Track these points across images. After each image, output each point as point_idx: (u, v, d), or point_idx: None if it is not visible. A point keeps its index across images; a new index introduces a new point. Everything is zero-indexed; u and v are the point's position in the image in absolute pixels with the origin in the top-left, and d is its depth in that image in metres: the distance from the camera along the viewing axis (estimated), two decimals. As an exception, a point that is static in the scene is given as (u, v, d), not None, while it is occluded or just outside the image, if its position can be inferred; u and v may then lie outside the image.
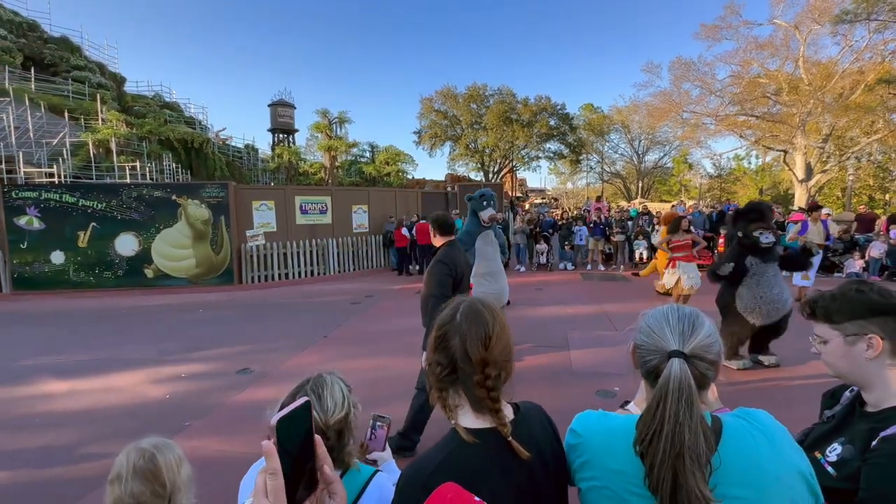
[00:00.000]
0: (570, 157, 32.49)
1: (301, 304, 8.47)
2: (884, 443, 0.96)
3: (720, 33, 21.64)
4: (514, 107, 29.12)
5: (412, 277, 11.07)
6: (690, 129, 25.09)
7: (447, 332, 0.94)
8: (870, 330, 1.04)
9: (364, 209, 12.41)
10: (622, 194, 37.50)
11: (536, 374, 4.48)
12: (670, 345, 0.88)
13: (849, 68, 19.00)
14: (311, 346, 5.70)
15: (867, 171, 26.69)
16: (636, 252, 11.47)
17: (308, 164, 25.26)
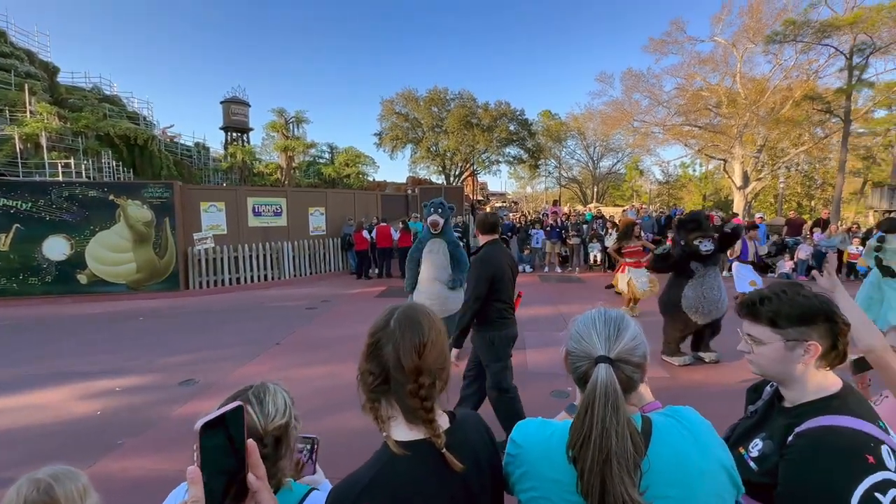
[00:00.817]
0: (530, 162, 33.20)
1: (253, 310, 8.11)
2: (798, 438, 1.00)
3: (667, 47, 22.93)
4: (475, 111, 29.42)
5: (371, 281, 10.89)
6: (641, 137, 26.40)
7: (380, 340, 0.90)
8: (810, 336, 1.05)
9: (321, 211, 12.10)
10: (578, 199, 38.79)
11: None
12: (597, 350, 0.89)
13: (779, 85, 20.65)
14: (262, 353, 5.46)
15: (795, 179, 29.13)
16: (591, 254, 11.88)
17: (263, 164, 24.37)
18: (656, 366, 4.78)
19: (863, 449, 0.92)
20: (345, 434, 3.13)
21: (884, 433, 0.97)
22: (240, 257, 10.27)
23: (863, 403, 1.04)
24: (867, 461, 0.90)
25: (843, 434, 0.96)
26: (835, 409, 1.01)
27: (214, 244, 9.93)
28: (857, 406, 1.02)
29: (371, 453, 0.89)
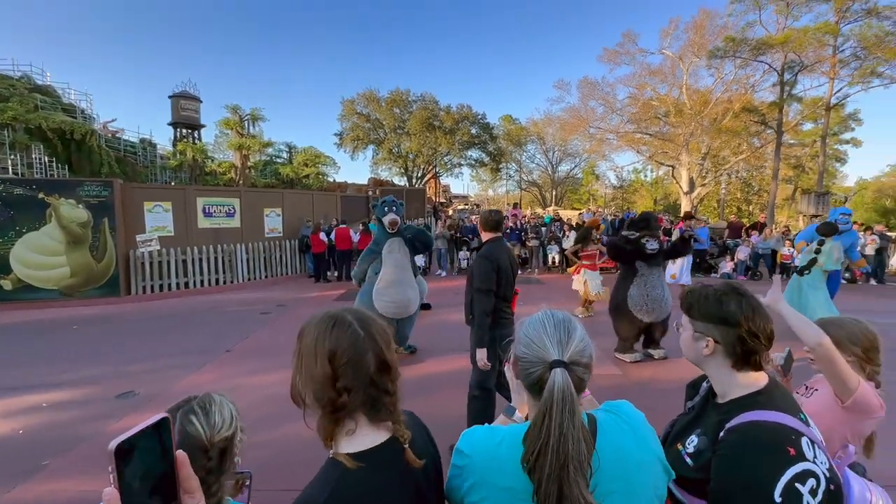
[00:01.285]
0: (491, 165, 33.72)
1: (203, 315, 7.70)
2: (728, 434, 1.04)
3: (620, 58, 24.01)
4: (437, 114, 29.54)
5: (330, 284, 10.64)
6: (597, 143, 27.44)
7: (353, 356, 0.85)
8: (711, 333, 1.13)
9: (278, 212, 11.70)
10: (538, 202, 39.74)
11: (449, 379, 4.48)
12: (551, 354, 0.88)
13: (721, 97, 22.10)
14: (211, 361, 5.18)
15: (735, 185, 31.24)
16: (549, 256, 12.18)
17: (216, 163, 23.27)
18: (609, 363, 4.95)
19: (784, 442, 0.97)
20: (300, 443, 3.01)
21: (804, 425, 1.03)
22: (189, 260, 9.73)
23: (787, 398, 1.10)
24: (789, 453, 0.95)
25: (767, 428, 1.00)
26: (761, 405, 1.06)
27: (160, 246, 9.35)
28: (782, 400, 1.08)
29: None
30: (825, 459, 0.99)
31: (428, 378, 4.59)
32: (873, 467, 2.78)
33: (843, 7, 17.97)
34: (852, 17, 18.26)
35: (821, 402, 1.57)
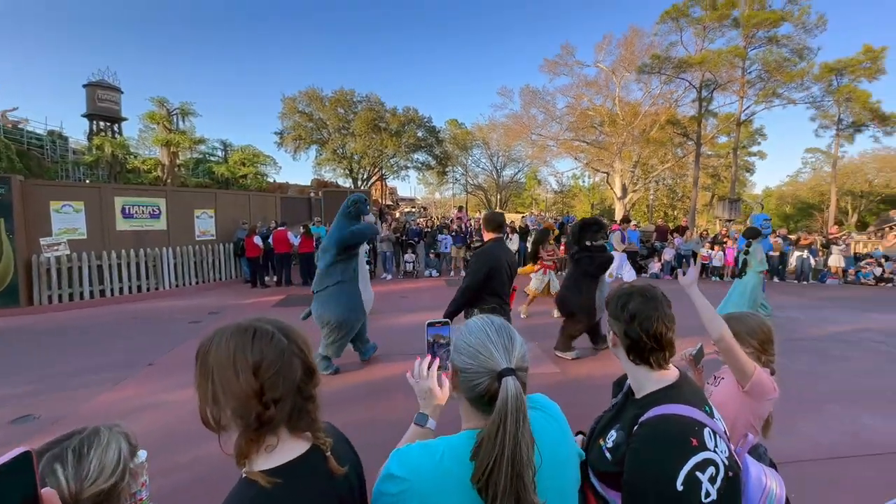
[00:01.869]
0: (437, 169, 33.90)
1: (122, 326, 7.03)
2: (641, 428, 1.10)
3: (559, 69, 25.16)
4: (383, 115, 29.22)
5: (268, 290, 10.13)
6: (538, 149, 28.54)
7: (281, 365, 0.80)
8: (614, 328, 1.24)
9: (210, 214, 10.97)
10: (484, 205, 40.54)
11: (395, 383, 4.42)
12: (499, 363, 0.86)
13: (649, 110, 23.84)
14: (129, 377, 4.72)
15: (662, 192, 33.77)
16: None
17: (140, 159, 21.41)
18: (549, 362, 5.12)
19: (689, 433, 1.03)
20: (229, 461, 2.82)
21: (708, 417, 1.10)
22: (105, 266, 8.84)
23: (694, 391, 1.18)
24: (691, 444, 1.01)
25: (673, 421, 1.06)
26: (670, 399, 1.12)
27: (69, 251, 8.42)
28: (690, 394, 1.15)
29: None
30: (725, 448, 1.07)
31: (379, 383, 4.49)
32: (771, 447, 3.09)
33: (750, 34, 20.09)
34: (757, 43, 20.45)
35: (727, 390, 1.74)
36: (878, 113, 20.70)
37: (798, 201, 37.05)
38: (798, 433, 3.46)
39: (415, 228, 12.62)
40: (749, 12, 19.84)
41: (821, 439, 3.38)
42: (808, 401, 4.05)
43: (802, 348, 5.84)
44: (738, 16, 20.24)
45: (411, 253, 11.89)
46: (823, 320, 7.28)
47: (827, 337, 6.41)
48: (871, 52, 19.64)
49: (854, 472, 2.98)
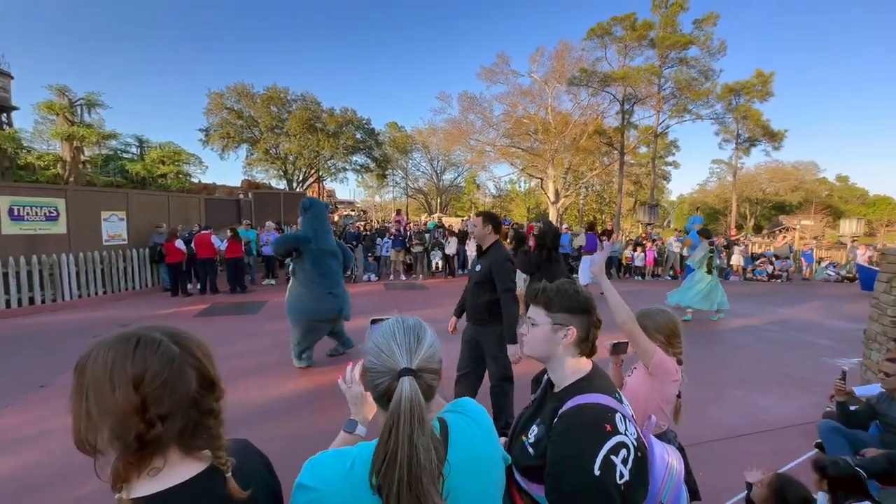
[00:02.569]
0: (377, 171, 33.45)
1: (9, 344, 6.12)
2: (559, 420, 1.13)
3: (495, 77, 25.93)
4: (319, 115, 28.30)
5: (191, 298, 9.35)
6: (477, 154, 29.16)
7: (169, 376, 0.71)
8: (572, 323, 1.24)
9: (121, 216, 9.92)
10: (424, 208, 40.66)
11: (329, 390, 4.27)
12: (400, 363, 0.86)
13: (578, 120, 25.27)
14: (16, 402, 4.11)
15: (591, 197, 35.94)
16: (433, 262, 12.48)
17: (35, 155, 18.90)
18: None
19: (602, 420, 1.08)
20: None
21: (618, 403, 1.17)
22: (-13, 276, 7.66)
23: (605, 380, 1.25)
24: (605, 429, 1.07)
25: (588, 410, 1.11)
26: (585, 389, 1.17)
27: (-61, 259, 7.20)
28: (601, 383, 1.21)
29: None
30: (634, 430, 1.14)
31: (310, 392, 4.29)
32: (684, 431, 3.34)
33: (664, 54, 22.08)
34: (670, 63, 22.52)
35: (639, 377, 1.92)
36: (768, 130, 23.64)
37: (706, 207, 41.18)
38: (706, 417, 3.80)
39: (353, 232, 12.33)
40: (663, 35, 21.80)
41: (724, 421, 3.73)
42: (713, 387, 4.48)
43: (711, 339, 6.45)
44: (654, 37, 22.16)
45: (349, 257, 11.60)
46: (728, 313, 8.12)
47: (731, 328, 7.14)
48: (762, 77, 22.39)
49: (751, 448, 3.32)
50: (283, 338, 6.15)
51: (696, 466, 3.02)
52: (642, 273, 13.14)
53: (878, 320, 4.26)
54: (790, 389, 4.45)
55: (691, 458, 3.15)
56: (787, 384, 4.60)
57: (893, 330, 3.95)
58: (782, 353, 5.76)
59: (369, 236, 12.30)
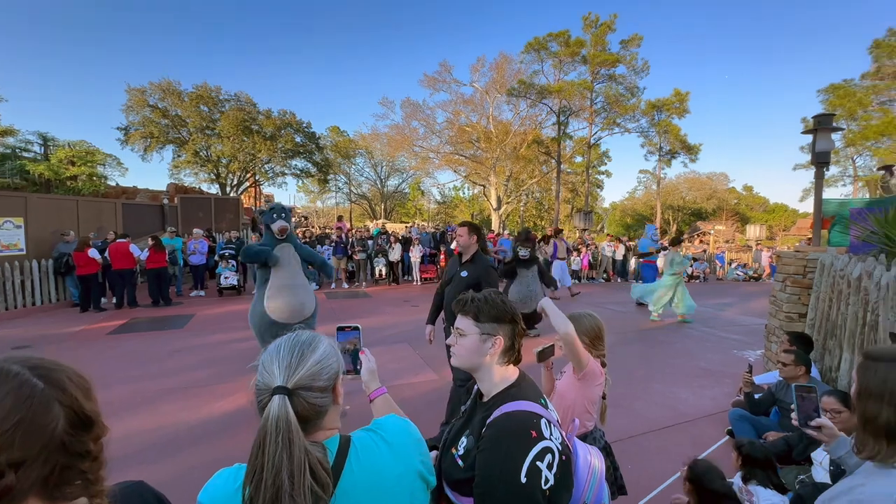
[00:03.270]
0: (318, 176, 32.46)
1: None
2: (487, 429, 1.13)
3: (438, 85, 26.25)
4: (256, 117, 26.98)
5: (105, 314, 8.43)
6: (421, 161, 29.29)
7: (25, 416, 0.59)
8: (499, 332, 1.25)
9: (16, 223, 8.78)
10: (368, 215, 40.07)
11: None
12: (275, 380, 0.84)
13: (518, 129, 26.22)
14: None
15: (531, 204, 37.33)
16: (377, 269, 12.29)
17: None
18: (428, 370, 5.17)
19: (528, 426, 1.10)
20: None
21: (543, 408, 1.19)
22: None
23: (532, 386, 1.27)
24: (531, 436, 1.08)
25: (514, 417, 1.12)
26: (512, 397, 1.19)
27: None
28: (528, 389, 1.24)
29: None
30: (559, 435, 1.17)
31: (236, 414, 4.01)
32: (614, 427, 3.51)
33: (595, 70, 23.55)
34: (601, 79, 24.05)
35: (568, 381, 2.03)
36: (686, 144, 25.95)
37: (635, 213, 44.26)
38: (634, 412, 4.04)
39: (291, 239, 11.80)
40: (594, 52, 23.27)
41: (649, 415, 3.99)
42: (640, 383, 4.78)
43: (639, 337, 6.90)
44: (585, 54, 23.58)
45: (287, 265, 11.08)
46: (630, 312, 8.73)
47: (655, 327, 7.69)
48: (679, 95, 24.55)
49: (673, 439, 3.58)
50: (213, 353, 5.75)
51: (626, 460, 3.21)
52: (578, 276, 13.81)
53: (775, 316, 4.78)
54: (705, 381, 4.87)
55: (621, 453, 3.34)
56: (703, 377, 5.03)
57: (788, 324, 4.45)
58: (698, 348, 6.30)
59: (308, 243, 11.82)
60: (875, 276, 3.04)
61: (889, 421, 1.04)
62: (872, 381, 1.08)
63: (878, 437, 1.06)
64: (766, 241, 25.71)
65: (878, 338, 2.94)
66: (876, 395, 1.07)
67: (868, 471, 1.10)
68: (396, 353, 5.82)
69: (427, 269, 12.55)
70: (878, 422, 1.06)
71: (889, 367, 1.07)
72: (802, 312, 4.42)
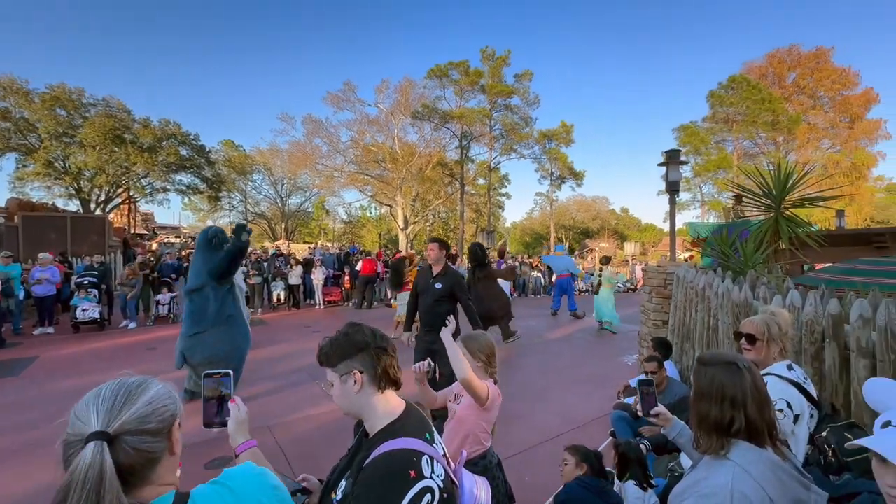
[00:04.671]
0: (208, 193, 29.62)
1: None
2: (363, 472, 1.06)
3: (342, 103, 25.90)
4: (130, 125, 23.86)
5: None
6: (325, 179, 28.36)
7: None
8: (353, 367, 1.17)
9: None
10: (267, 235, 37.49)
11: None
12: (91, 426, 0.72)
13: (423, 151, 26.85)
14: None
15: (438, 224, 38.23)
16: (274, 293, 11.45)
17: None
18: (327, 400, 4.88)
19: (407, 466, 1.05)
20: None
21: (427, 444, 1.14)
22: None
23: (417, 420, 1.22)
24: (409, 476, 1.03)
25: (393, 457, 1.07)
26: (394, 433, 1.13)
27: None
28: (413, 424, 1.18)
29: None
30: (442, 471, 1.13)
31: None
32: (513, 440, 3.60)
33: (493, 99, 25.26)
34: (498, 108, 25.85)
35: (467, 407, 2.03)
36: (573, 170, 28.92)
37: (533, 233, 47.75)
38: (531, 422, 4.23)
39: (171, 263, 10.47)
40: (491, 83, 24.99)
41: (544, 424, 4.21)
42: (537, 393, 5.04)
43: (535, 349, 7.32)
44: (484, 84, 25.21)
45: (167, 292, 9.77)
46: (551, 325, 9.36)
47: (551, 339, 8.24)
48: (566, 127, 27.38)
49: (566, 444, 3.80)
50: (64, 404, 4.76)
51: (524, 471, 3.32)
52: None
53: (645, 323, 5.43)
54: (592, 387, 5.30)
55: (519, 464, 3.45)
56: (590, 382, 5.48)
57: (655, 331, 5.07)
58: (586, 356, 6.88)
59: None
60: (714, 286, 3.61)
61: (717, 418, 1.20)
62: (704, 382, 1.25)
63: (710, 433, 1.22)
64: (640, 255, 29.47)
65: (719, 339, 3.47)
66: (707, 395, 1.23)
67: (707, 464, 1.25)
68: (295, 383, 5.42)
69: (330, 291, 12.03)
70: (709, 419, 1.22)
71: (716, 370, 1.25)
72: (665, 319, 5.08)
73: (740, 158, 27.65)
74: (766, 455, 1.17)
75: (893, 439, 0.90)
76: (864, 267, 4.08)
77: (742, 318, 2.87)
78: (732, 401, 1.20)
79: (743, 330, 1.93)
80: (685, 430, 1.67)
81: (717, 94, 27.21)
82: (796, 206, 4.77)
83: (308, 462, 3.39)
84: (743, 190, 5.23)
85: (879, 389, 1.00)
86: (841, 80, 27.63)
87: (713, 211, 29.18)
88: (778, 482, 1.13)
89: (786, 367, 1.78)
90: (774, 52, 29.55)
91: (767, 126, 25.77)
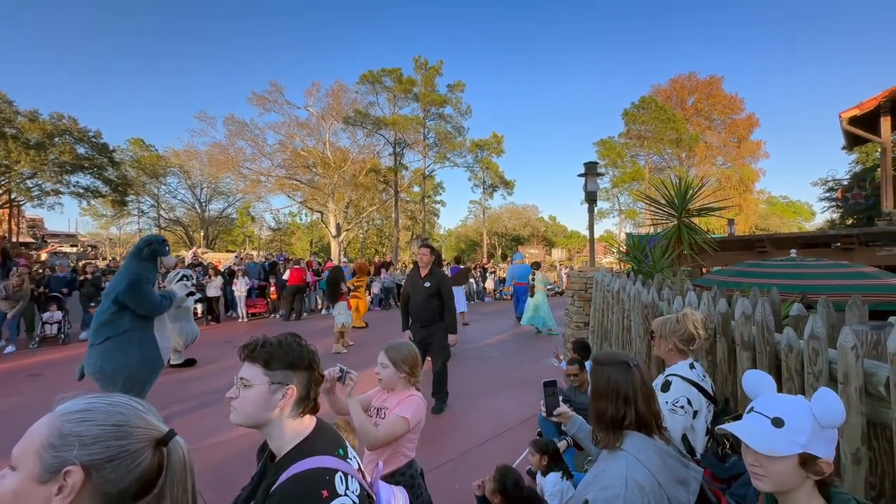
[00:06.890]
0: (112, 197, 26.61)
1: None
2: (270, 499, 0.99)
3: (269, 105, 24.66)
4: (12, 119, 20.78)
5: None
6: (251, 184, 26.72)
7: None
8: (292, 381, 1.10)
9: None
10: (184, 243, 34.48)
11: None
12: (160, 428, 0.80)
13: (356, 157, 26.35)
14: None
15: (372, 231, 37.66)
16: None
17: None
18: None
19: (319, 486, 0.99)
20: None
21: (340, 460, 1.09)
22: None
23: (328, 436, 1.16)
24: (322, 496, 0.97)
25: (303, 478, 1.00)
26: (305, 453, 1.06)
27: None
28: (323, 440, 1.12)
29: None
30: (357, 486, 1.08)
31: None
32: (448, 447, 3.59)
33: (426, 108, 25.52)
34: (431, 117, 26.16)
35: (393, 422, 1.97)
36: (504, 179, 30.00)
37: (468, 240, 48.71)
38: (465, 428, 4.26)
39: (61, 275, 9.20)
40: (424, 92, 25.25)
41: (477, 429, 4.26)
42: (470, 399, 5.10)
43: (469, 354, 7.42)
44: (417, 93, 25.40)
45: (56, 310, 8.54)
46: (481, 330, 9.55)
47: (483, 344, 8.40)
48: (496, 137, 28.40)
49: (496, 449, 3.87)
50: None
51: (455, 479, 3.31)
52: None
53: (569, 325, 5.73)
54: (521, 390, 5.47)
55: (453, 471, 3.45)
56: (520, 386, 5.65)
57: (577, 332, 5.37)
58: (516, 360, 7.10)
59: (90, 280, 9.36)
60: (627, 289, 3.90)
61: (613, 414, 1.29)
62: (600, 381, 1.34)
63: (607, 429, 1.31)
64: (566, 261, 31.23)
65: (632, 338, 3.75)
66: (603, 393, 1.32)
67: (604, 458, 1.34)
68: (210, 403, 4.99)
69: (255, 303, 11.30)
70: (605, 417, 1.31)
71: (611, 369, 1.34)
72: (587, 321, 5.40)
73: (651, 172, 30.47)
74: (653, 443, 1.29)
75: (752, 423, 1.02)
76: (748, 269, 4.65)
77: (651, 318, 3.13)
78: (625, 397, 1.30)
79: (652, 328, 2.12)
80: (584, 425, 1.78)
81: (630, 113, 29.82)
82: (694, 215, 5.33)
83: (224, 491, 3.12)
84: (651, 201, 5.75)
85: (753, 379, 1.14)
86: (730, 105, 31.59)
87: (629, 220, 31.82)
88: (664, 466, 1.25)
89: (688, 366, 1.94)
90: (677, 77, 33.10)
91: (672, 143, 28.72)
